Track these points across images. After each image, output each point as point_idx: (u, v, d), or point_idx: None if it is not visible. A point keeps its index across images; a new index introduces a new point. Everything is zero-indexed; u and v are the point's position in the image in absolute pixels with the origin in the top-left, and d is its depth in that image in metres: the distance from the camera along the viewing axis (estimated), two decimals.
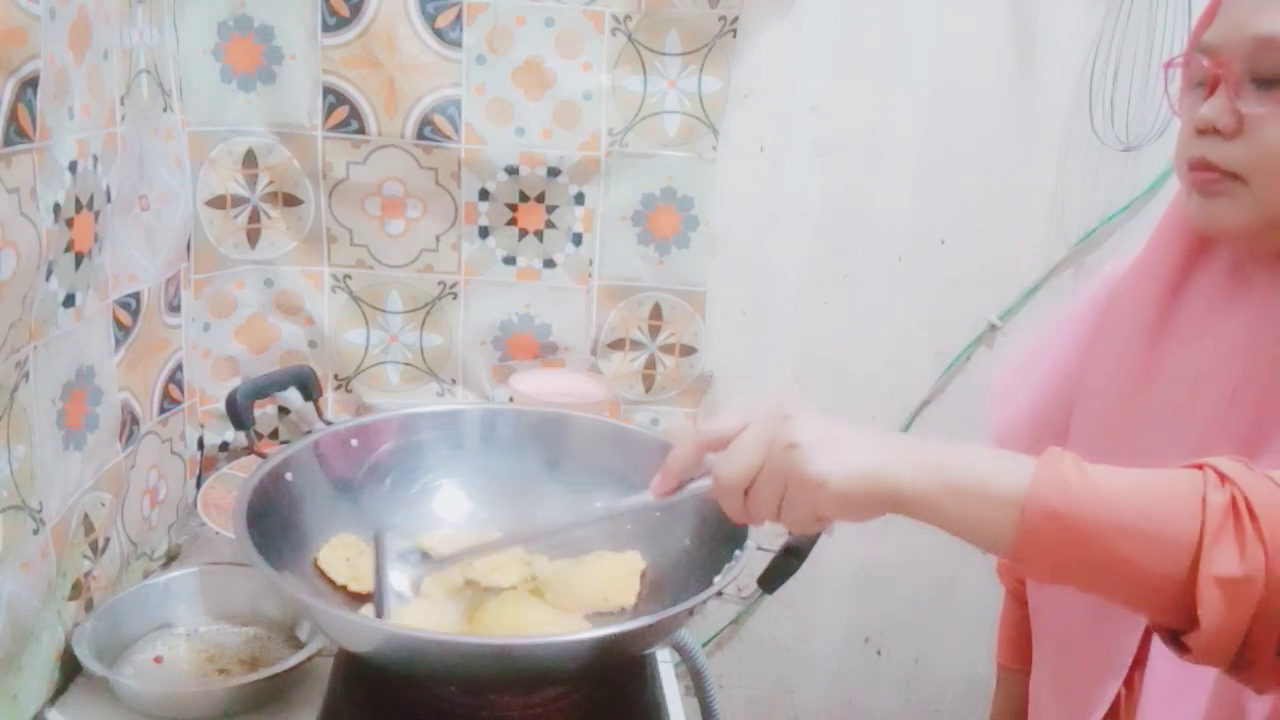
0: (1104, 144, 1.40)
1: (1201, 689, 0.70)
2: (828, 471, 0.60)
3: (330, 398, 1.45)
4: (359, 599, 0.94)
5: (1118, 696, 0.77)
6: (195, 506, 1.27)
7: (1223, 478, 0.54)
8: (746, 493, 0.64)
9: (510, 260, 1.42)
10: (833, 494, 0.60)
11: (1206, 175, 0.68)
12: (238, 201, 1.35)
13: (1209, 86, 0.68)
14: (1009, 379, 0.91)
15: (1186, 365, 0.74)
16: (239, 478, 1.29)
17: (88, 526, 0.99)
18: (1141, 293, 0.78)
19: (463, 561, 0.92)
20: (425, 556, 0.91)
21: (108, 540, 1.04)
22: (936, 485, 0.59)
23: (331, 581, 0.94)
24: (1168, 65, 0.74)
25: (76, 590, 0.99)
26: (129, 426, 1.08)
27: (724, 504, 0.66)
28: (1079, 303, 0.87)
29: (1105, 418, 0.79)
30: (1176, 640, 0.56)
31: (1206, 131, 0.68)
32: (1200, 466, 0.56)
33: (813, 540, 0.83)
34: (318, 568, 0.95)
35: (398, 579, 0.89)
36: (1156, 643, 0.74)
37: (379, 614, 0.87)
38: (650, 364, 1.48)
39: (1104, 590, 0.58)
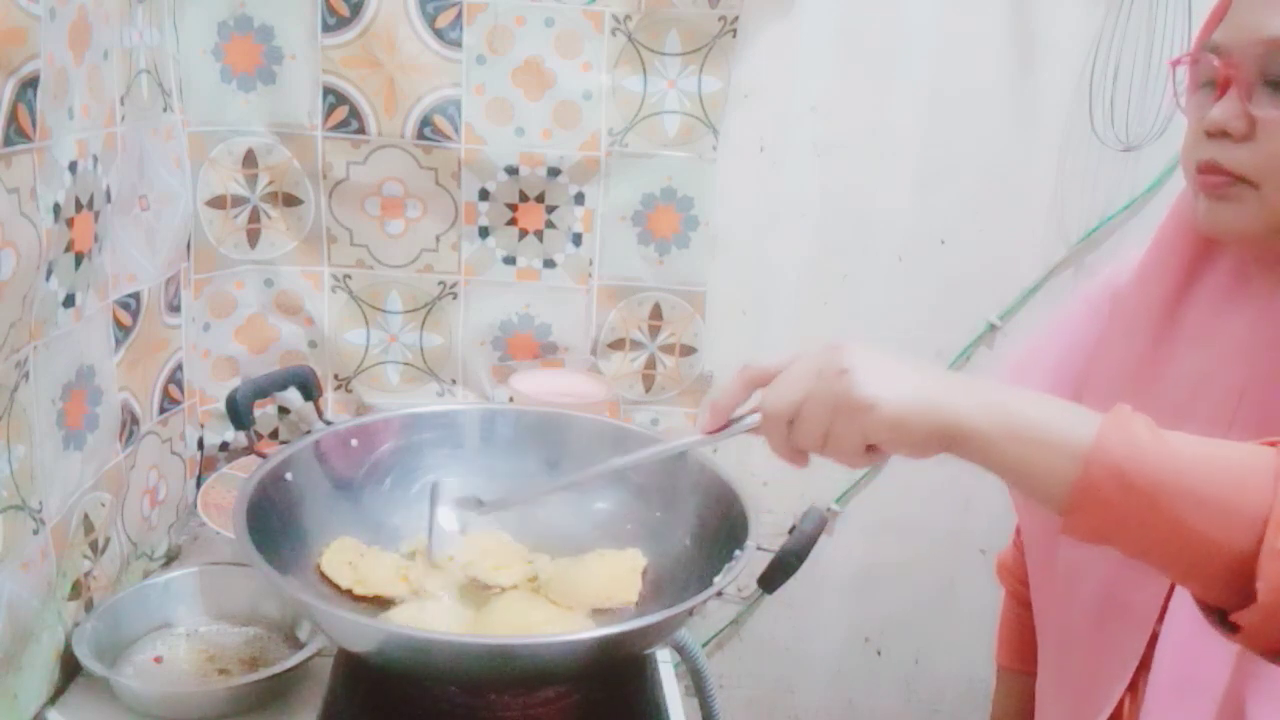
0: (1104, 144, 1.40)
1: (1207, 693, 0.69)
2: (879, 395, 0.59)
3: (330, 398, 1.45)
4: (364, 602, 0.94)
5: (1122, 699, 0.77)
6: (195, 506, 1.27)
7: None
8: (792, 424, 0.63)
9: (510, 260, 1.42)
10: (884, 418, 0.59)
11: (1215, 179, 0.67)
12: (238, 201, 1.35)
13: (1219, 88, 0.67)
14: (1008, 380, 0.91)
15: (1189, 367, 0.73)
16: (239, 478, 1.29)
17: (88, 526, 0.99)
18: (1145, 294, 0.77)
19: (513, 507, 0.93)
20: (479, 503, 0.92)
21: (108, 540, 1.04)
22: (996, 425, 0.57)
23: (336, 586, 0.94)
24: (1175, 63, 0.73)
25: (76, 590, 0.99)
26: (129, 426, 1.08)
27: (770, 437, 0.66)
28: (1079, 303, 0.87)
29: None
30: (1222, 619, 0.55)
31: (1216, 134, 0.66)
32: (1275, 444, 0.55)
33: (812, 540, 0.83)
34: (321, 572, 0.95)
35: (447, 518, 0.90)
36: (1162, 645, 0.74)
37: (430, 555, 0.89)
38: (650, 364, 1.48)
39: (1152, 555, 0.57)
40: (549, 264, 1.43)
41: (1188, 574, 0.57)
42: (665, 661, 1.09)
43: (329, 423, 1.05)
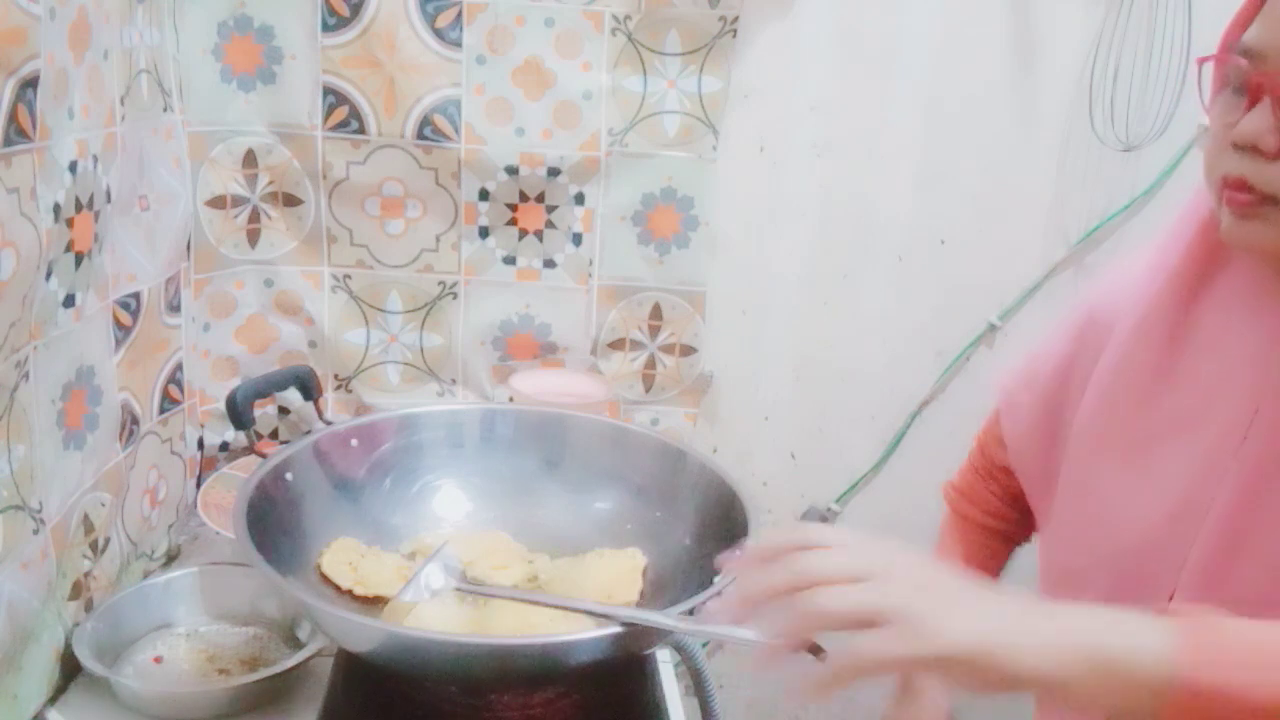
0: (1104, 144, 1.40)
1: None
2: (950, 628, 0.55)
3: (330, 398, 1.45)
4: (364, 602, 0.94)
5: None
6: (195, 506, 1.27)
7: None
8: (811, 593, 0.58)
9: (510, 260, 1.42)
10: (939, 650, 0.55)
11: (1243, 196, 0.64)
12: (238, 201, 1.35)
13: (1249, 95, 0.63)
14: (1016, 388, 0.89)
15: (1202, 374, 0.72)
16: (239, 478, 1.29)
17: (88, 526, 0.99)
18: (1156, 297, 0.75)
19: (485, 598, 0.93)
20: (464, 576, 0.92)
21: (108, 540, 1.04)
22: (1074, 662, 0.55)
23: (336, 586, 0.94)
24: (1202, 61, 0.69)
25: (76, 590, 0.99)
26: (129, 426, 1.08)
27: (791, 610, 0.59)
28: (1077, 314, 0.85)
29: (1113, 422, 0.77)
30: None
31: (1245, 148, 0.63)
32: None
33: None
34: (321, 572, 0.95)
35: (431, 576, 0.90)
36: None
37: (398, 597, 0.89)
38: (650, 364, 1.48)
39: None
40: (549, 264, 1.43)
41: None
42: (665, 661, 1.08)
43: (329, 423, 1.05)
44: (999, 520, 0.97)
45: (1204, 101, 0.69)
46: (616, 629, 0.79)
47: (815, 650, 0.62)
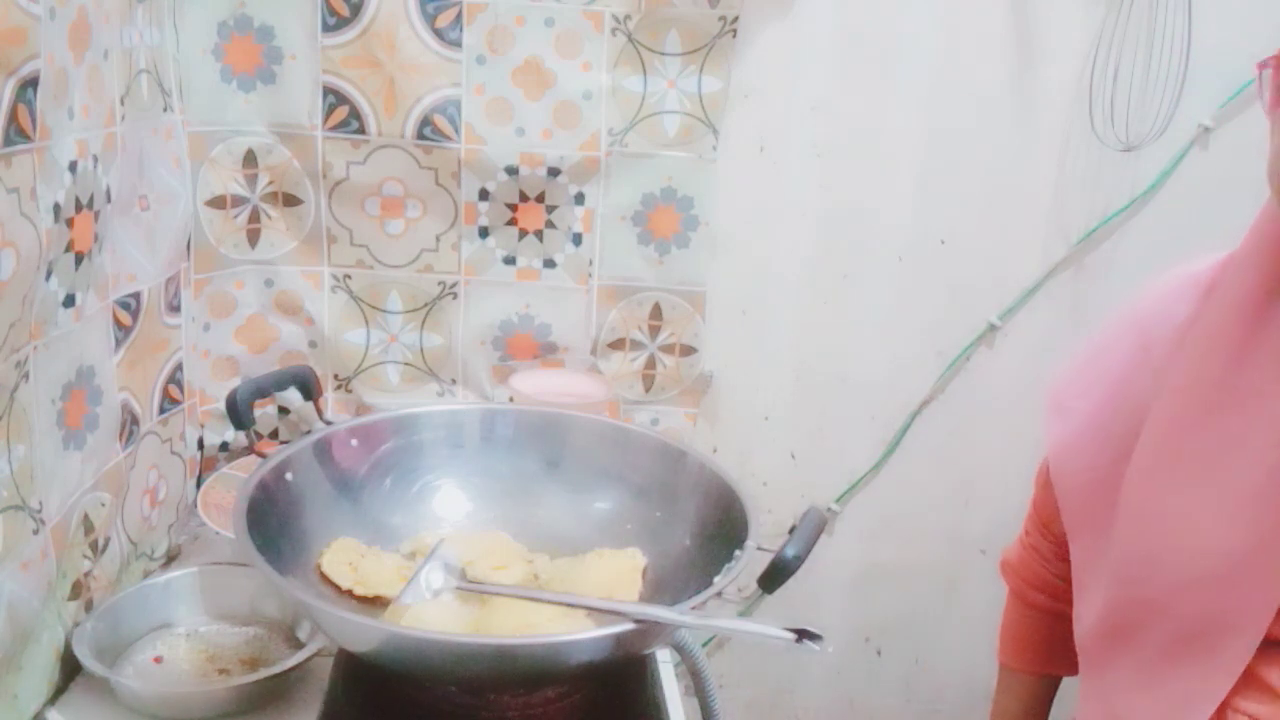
0: (1104, 144, 1.40)
1: None
2: None
3: (330, 398, 1.45)
4: (364, 602, 0.94)
5: None
6: (195, 506, 1.27)
7: None
8: None
9: (510, 260, 1.42)
10: None
11: None
12: (238, 201, 1.35)
13: None
14: (1067, 392, 0.87)
15: (1274, 389, 0.69)
16: (239, 478, 1.29)
17: (88, 526, 0.99)
18: (1230, 304, 0.72)
19: (486, 598, 0.93)
20: (464, 574, 0.92)
21: (108, 540, 1.04)
22: None
23: (336, 586, 0.94)
24: (1261, 67, 0.66)
25: (76, 590, 0.99)
26: (129, 426, 1.08)
27: None
28: (1129, 319, 0.83)
29: (1176, 435, 0.75)
30: None
31: None
32: None
33: (813, 540, 0.83)
34: (321, 572, 0.95)
35: (433, 575, 0.90)
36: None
37: (398, 599, 0.89)
38: (650, 364, 1.48)
39: None
40: (549, 264, 1.43)
41: None
42: (665, 661, 1.09)
43: (329, 423, 1.05)
44: (1058, 600, 0.94)
45: (1264, 104, 0.66)
46: (617, 628, 0.79)
47: (815, 639, 0.62)
